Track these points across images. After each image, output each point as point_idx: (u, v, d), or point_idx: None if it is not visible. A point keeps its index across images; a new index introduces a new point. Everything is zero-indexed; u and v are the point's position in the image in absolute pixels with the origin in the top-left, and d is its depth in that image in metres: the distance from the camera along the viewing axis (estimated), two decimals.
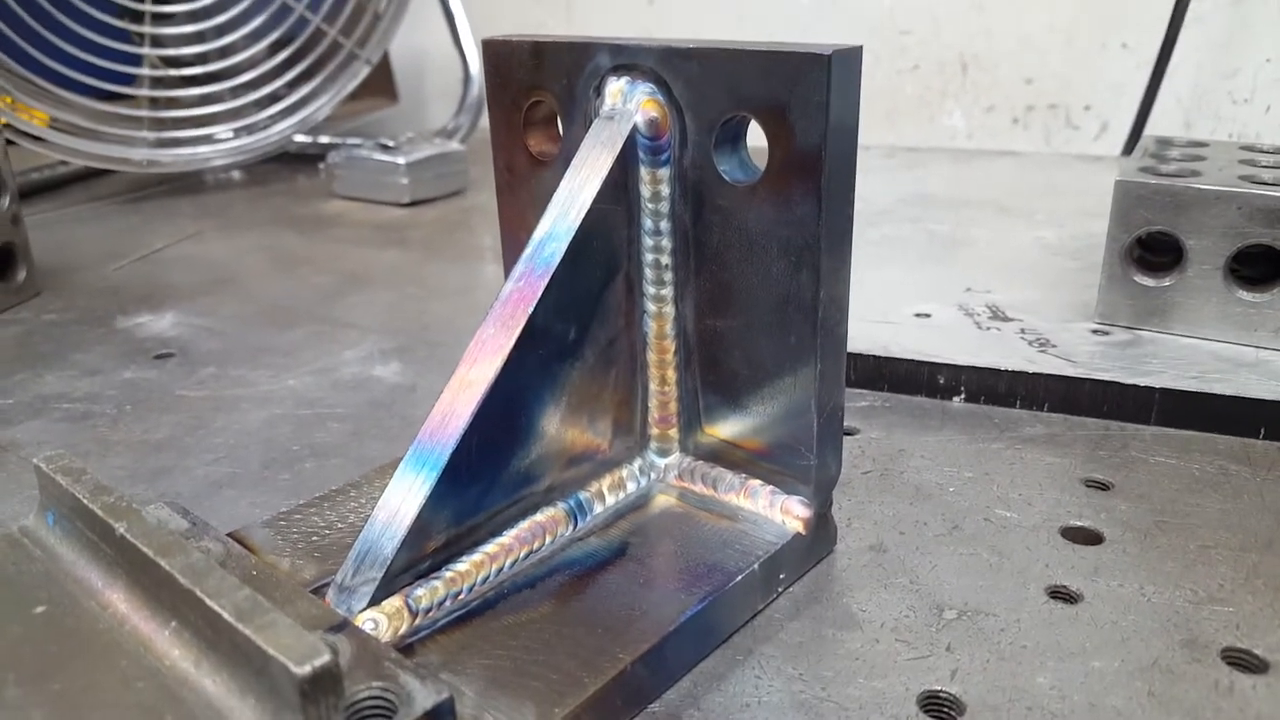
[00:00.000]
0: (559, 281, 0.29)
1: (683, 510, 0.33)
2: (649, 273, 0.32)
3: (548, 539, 0.31)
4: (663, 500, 0.33)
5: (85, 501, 0.22)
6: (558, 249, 0.29)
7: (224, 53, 0.80)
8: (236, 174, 0.89)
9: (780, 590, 0.31)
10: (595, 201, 0.30)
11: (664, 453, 0.34)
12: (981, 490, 0.36)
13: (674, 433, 0.34)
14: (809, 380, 0.30)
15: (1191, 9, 0.83)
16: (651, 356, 0.33)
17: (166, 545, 0.20)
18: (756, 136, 0.29)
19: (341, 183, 0.79)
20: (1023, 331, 0.45)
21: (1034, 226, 0.61)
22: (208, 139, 0.81)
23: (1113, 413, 0.40)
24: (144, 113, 0.78)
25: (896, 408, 0.42)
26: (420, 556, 0.28)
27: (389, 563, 0.27)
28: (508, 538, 0.30)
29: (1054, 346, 0.43)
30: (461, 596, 0.29)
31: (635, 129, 0.30)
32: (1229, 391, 0.39)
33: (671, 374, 0.33)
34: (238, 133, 0.81)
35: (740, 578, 0.29)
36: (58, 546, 0.24)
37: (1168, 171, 0.45)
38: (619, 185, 0.30)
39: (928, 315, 0.46)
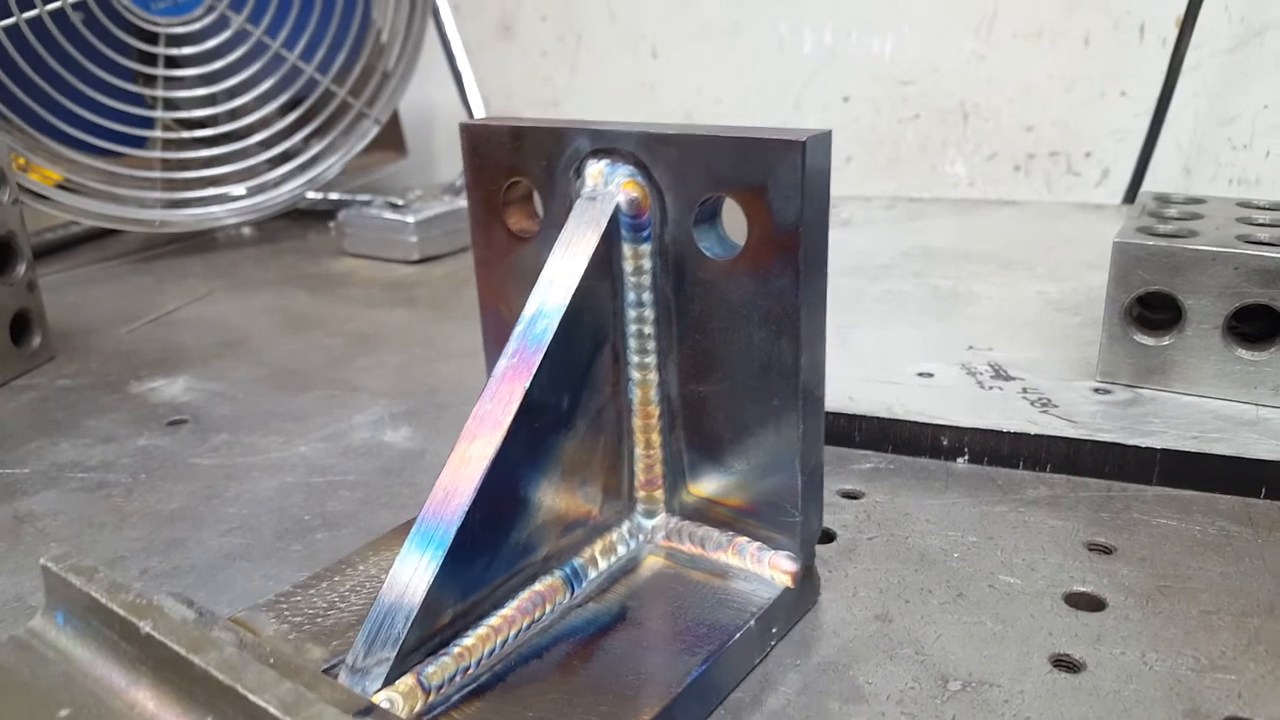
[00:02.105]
0: (552, 356, 0.30)
1: (674, 570, 0.34)
2: (633, 342, 0.33)
3: (548, 608, 0.31)
4: (653, 561, 0.34)
5: (103, 601, 0.22)
6: (550, 325, 0.30)
7: (235, 114, 0.81)
8: (247, 230, 0.90)
9: (773, 645, 0.32)
10: (583, 278, 0.31)
11: (650, 514, 0.35)
12: (986, 555, 0.36)
13: (659, 494, 0.35)
14: (792, 440, 0.31)
15: (1189, 58, 0.84)
16: (637, 422, 0.34)
17: (197, 641, 0.21)
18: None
19: (351, 240, 0.80)
20: (1025, 391, 0.45)
21: (1035, 280, 0.61)
22: (219, 198, 0.82)
23: (1115, 473, 0.41)
24: (156, 174, 0.79)
25: (901, 470, 0.42)
26: (430, 634, 0.29)
27: (401, 642, 0.28)
28: (510, 609, 0.31)
29: (1056, 406, 0.44)
30: (471, 671, 0.29)
31: (618, 208, 0.32)
32: (1229, 452, 0.39)
33: (656, 437, 0.34)
34: (250, 191, 0.82)
35: (739, 635, 0.30)
36: (72, 647, 0.24)
37: (1165, 231, 0.45)
38: (604, 261, 0.32)
39: (930, 375, 0.47)
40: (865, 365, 0.48)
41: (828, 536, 0.37)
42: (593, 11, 1.13)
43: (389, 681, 0.27)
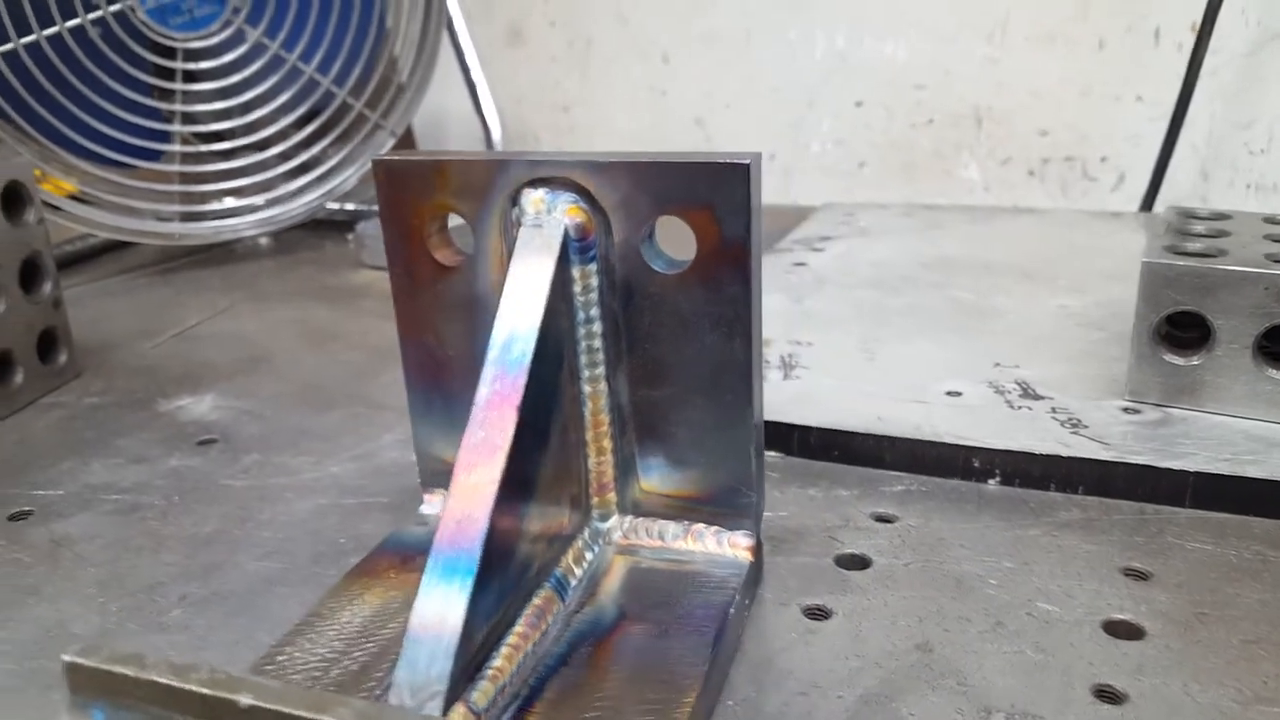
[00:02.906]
0: (532, 377, 0.31)
1: (645, 564, 0.36)
2: (583, 357, 0.35)
3: (549, 619, 0.32)
4: (621, 561, 0.36)
5: (176, 684, 0.21)
6: (526, 348, 0.31)
7: (252, 126, 0.81)
8: (264, 241, 0.91)
9: (747, 612, 0.35)
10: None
11: (604, 517, 0.37)
12: (1022, 582, 0.36)
13: (611, 496, 0.37)
14: (745, 429, 0.34)
15: (1206, 62, 0.84)
16: (589, 433, 0.36)
17: (320, 701, 0.20)
18: None
19: (369, 252, 0.80)
20: (1054, 410, 0.45)
21: (1057, 293, 0.61)
22: (237, 210, 0.82)
23: (1147, 496, 0.41)
24: (175, 187, 0.80)
25: (933, 492, 0.42)
26: (469, 663, 0.29)
27: (449, 673, 0.28)
28: (521, 626, 0.31)
29: (1086, 427, 0.44)
30: (508, 690, 0.30)
31: (566, 232, 0.33)
32: (1263, 474, 0.39)
33: (607, 444, 0.36)
34: (268, 203, 0.82)
35: (732, 609, 0.33)
36: None
37: (1194, 250, 0.45)
38: (558, 283, 0.33)
39: (959, 394, 0.47)
40: (892, 383, 0.48)
41: (863, 563, 0.37)
42: (603, 16, 1.14)
43: (445, 714, 0.28)
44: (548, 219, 0.33)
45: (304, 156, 0.82)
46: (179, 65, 0.77)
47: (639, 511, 0.37)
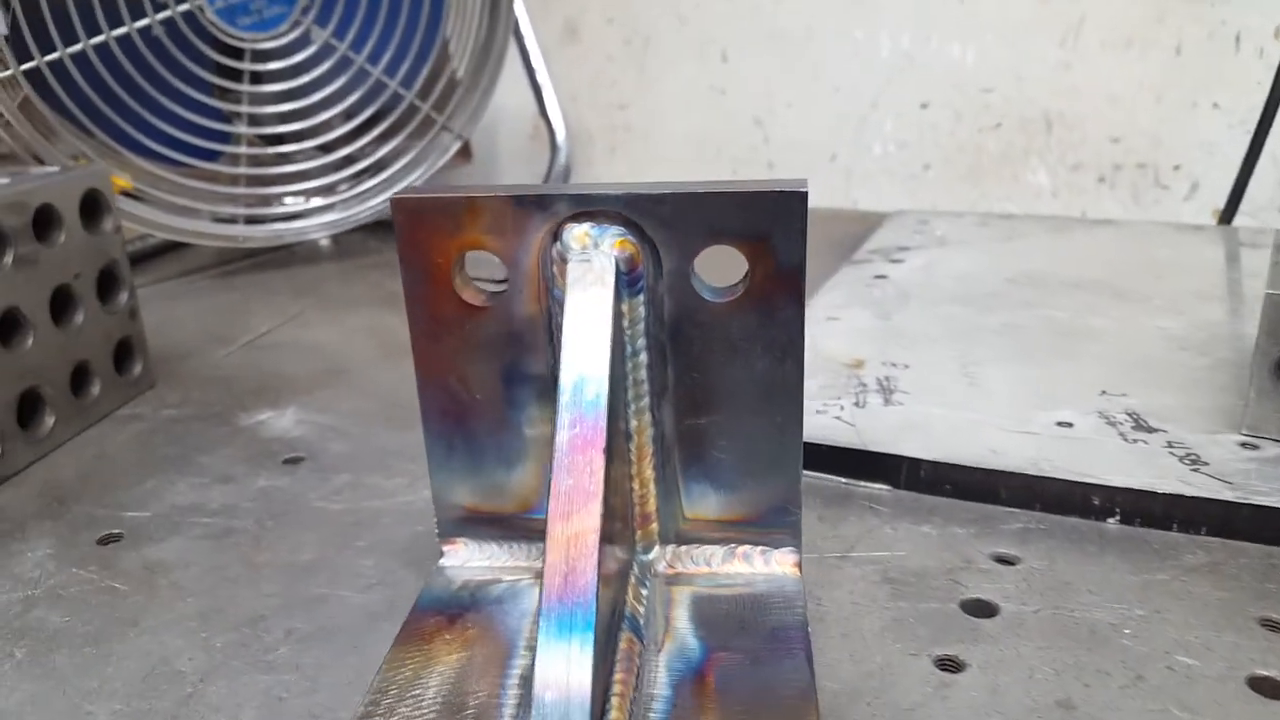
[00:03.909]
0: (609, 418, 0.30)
1: (704, 593, 0.35)
2: (629, 391, 0.34)
3: (638, 663, 0.32)
4: (678, 592, 0.36)
5: None
6: (600, 389, 0.30)
7: (319, 129, 0.80)
8: (324, 243, 0.90)
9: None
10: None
11: (647, 549, 0.37)
12: (1157, 632, 0.35)
13: (654, 527, 0.37)
14: (794, 449, 0.35)
15: None
16: (633, 466, 0.36)
17: None
18: None
19: None
20: (1170, 445, 0.44)
21: (1152, 314, 0.60)
22: (303, 213, 0.81)
23: (1274, 539, 0.39)
24: (241, 190, 0.79)
25: (1052, 531, 0.41)
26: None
27: None
28: (620, 673, 0.31)
29: (1206, 464, 0.42)
30: None
31: (616, 265, 0.32)
32: None
33: (650, 474, 0.36)
34: (334, 206, 0.82)
35: (808, 626, 0.33)
36: None
37: None
38: (616, 318, 0.33)
39: (1069, 425, 0.46)
40: (998, 411, 0.47)
41: (990, 609, 0.36)
42: (661, 14, 1.12)
43: None
44: (595, 253, 0.32)
45: (370, 159, 0.81)
46: (246, 66, 0.76)
47: (681, 540, 0.37)
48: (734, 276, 0.34)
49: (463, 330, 0.34)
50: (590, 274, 0.32)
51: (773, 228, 0.31)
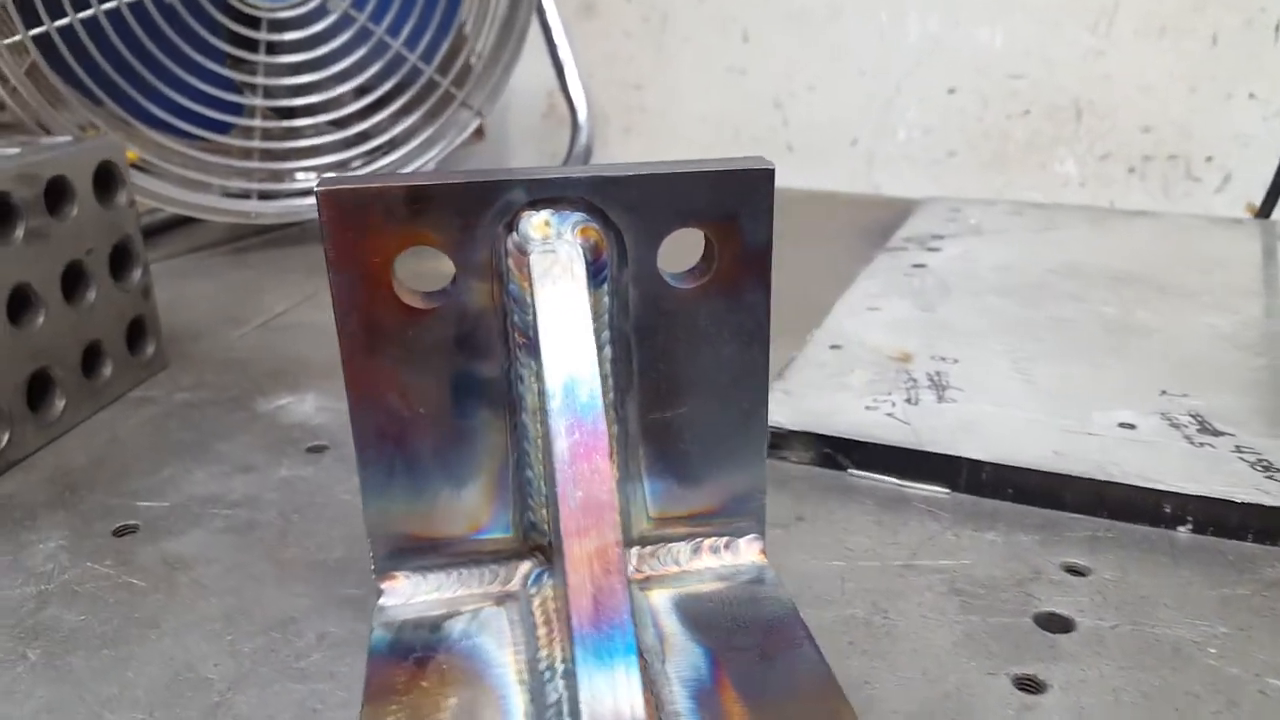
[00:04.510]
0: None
1: (681, 594, 0.34)
2: None
3: (650, 677, 0.30)
4: (656, 597, 0.34)
5: None
6: (592, 389, 0.28)
7: (335, 103, 0.78)
8: None
9: None
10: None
11: None
12: (1243, 652, 0.33)
13: None
14: (760, 433, 0.34)
15: None
16: None
17: None
18: None
19: None
20: (1239, 450, 0.42)
21: (1200, 310, 0.57)
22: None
23: None
24: (254, 164, 0.76)
25: (1121, 539, 0.39)
26: None
27: None
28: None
29: (1279, 471, 0.40)
30: None
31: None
32: None
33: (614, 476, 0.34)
34: None
35: (799, 612, 0.33)
36: None
37: None
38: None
39: (1132, 426, 0.44)
40: (1057, 411, 0.45)
41: (1066, 624, 0.34)
42: None
43: None
44: (559, 242, 0.30)
45: (387, 135, 0.79)
46: (262, 36, 0.73)
47: (644, 541, 0.35)
48: (688, 262, 0.32)
49: (404, 338, 0.31)
50: (557, 265, 0.29)
51: (740, 207, 0.30)
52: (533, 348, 0.31)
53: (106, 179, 0.53)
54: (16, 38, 0.67)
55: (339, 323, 0.30)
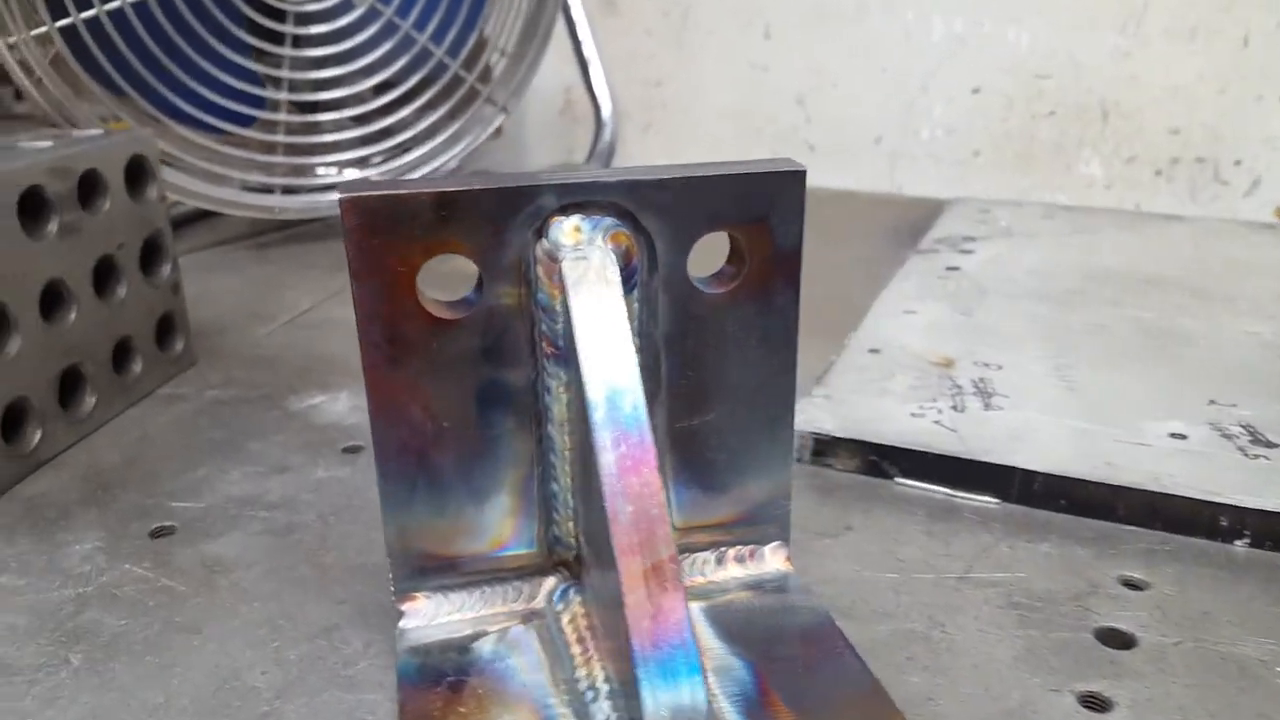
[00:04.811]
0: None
1: (712, 606, 0.33)
2: None
3: None
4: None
5: None
6: (637, 399, 0.27)
7: (360, 97, 0.77)
8: None
9: None
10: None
11: None
12: None
13: None
14: (787, 441, 0.33)
15: None
16: None
17: None
18: None
19: None
20: None
21: (1239, 316, 0.57)
22: (337, 186, 0.78)
23: None
24: (278, 159, 0.76)
25: (1179, 553, 0.38)
26: None
27: None
28: None
29: None
30: None
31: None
32: None
33: None
34: (381, 177, 0.79)
35: (834, 619, 0.32)
36: None
37: None
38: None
39: (1183, 437, 0.43)
40: (1105, 420, 0.44)
41: (1127, 640, 0.33)
42: None
43: None
44: (590, 248, 0.29)
45: (411, 132, 0.78)
46: (289, 29, 0.73)
47: None
48: (715, 267, 0.32)
49: (429, 350, 0.30)
50: (591, 272, 0.28)
51: (770, 210, 0.30)
52: (562, 358, 0.30)
53: (138, 173, 0.52)
54: (43, 29, 0.66)
55: (361, 333, 0.29)
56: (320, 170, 0.81)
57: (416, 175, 0.79)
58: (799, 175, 0.30)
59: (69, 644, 0.34)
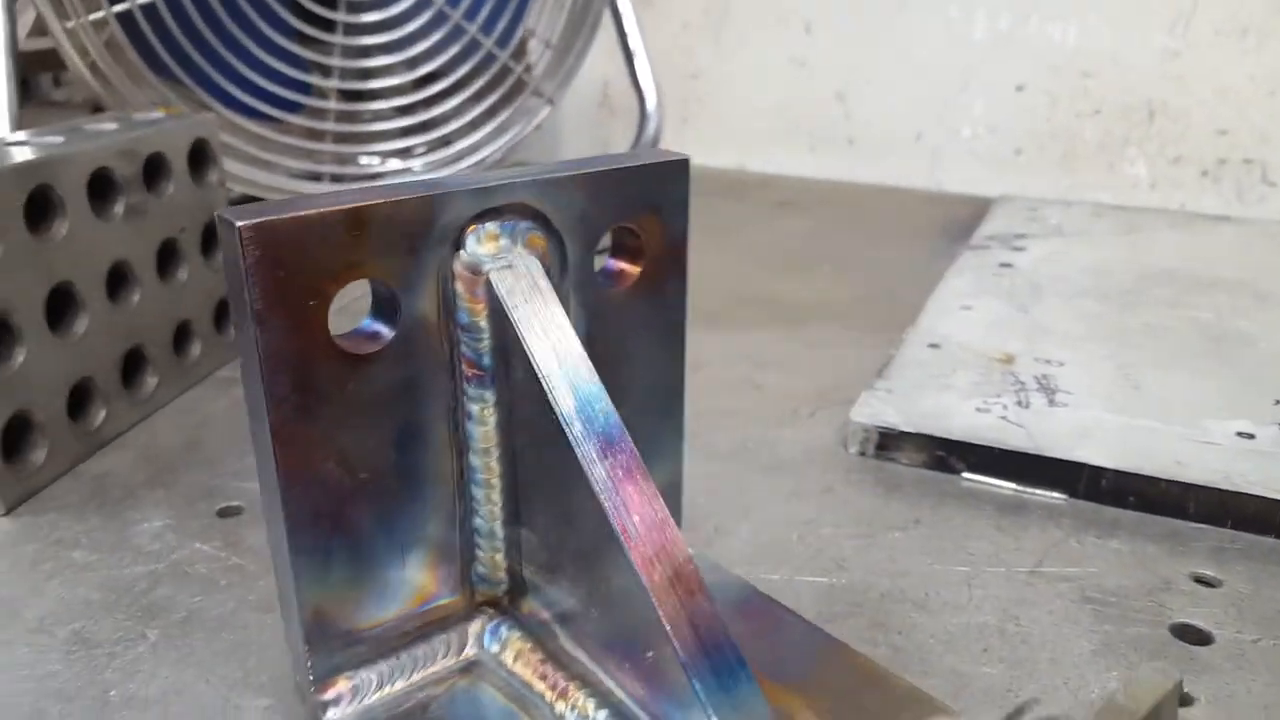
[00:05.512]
0: None
1: None
2: None
3: None
4: None
5: None
6: (605, 406, 0.26)
7: (406, 87, 0.77)
8: None
9: None
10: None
11: None
12: None
13: None
14: (678, 428, 0.34)
15: None
16: None
17: None
18: None
19: None
20: None
21: None
22: (380, 175, 0.78)
23: None
24: (328, 146, 0.76)
25: (1249, 551, 0.38)
26: None
27: None
28: None
29: None
30: None
31: None
32: None
33: None
34: (411, 170, 0.79)
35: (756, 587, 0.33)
36: None
37: None
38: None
39: (1251, 436, 0.43)
40: (1170, 418, 0.44)
41: (1203, 636, 0.33)
42: None
43: None
44: (514, 255, 0.27)
45: (457, 123, 0.78)
46: (341, 17, 0.73)
47: None
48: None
49: (345, 393, 0.26)
50: (523, 280, 0.27)
51: (661, 200, 0.30)
52: (486, 378, 0.28)
53: (200, 157, 0.52)
54: (100, 14, 0.66)
55: (267, 386, 0.25)
56: (363, 160, 0.81)
57: (462, 166, 0.80)
58: (682, 164, 0.31)
59: (145, 619, 0.34)
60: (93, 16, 0.65)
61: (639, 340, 0.32)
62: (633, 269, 0.31)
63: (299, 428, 0.26)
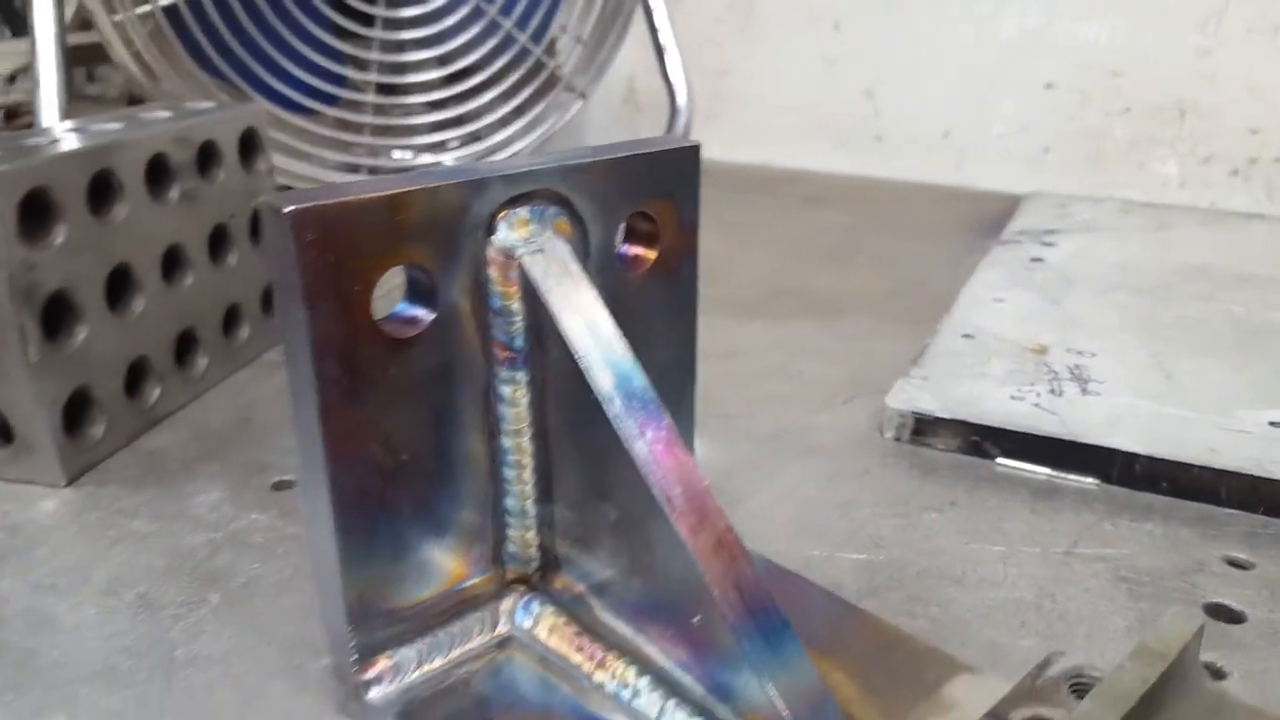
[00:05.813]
0: None
1: None
2: None
3: None
4: None
5: None
6: (642, 381, 0.27)
7: (440, 82, 0.78)
8: None
9: None
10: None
11: None
12: None
13: None
14: (689, 406, 0.35)
15: None
16: None
17: None
18: None
19: None
20: None
21: None
22: (416, 168, 0.80)
23: None
24: (363, 139, 0.77)
25: None
26: None
27: None
28: None
29: None
30: None
31: None
32: None
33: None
34: (458, 163, 0.80)
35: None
36: None
37: None
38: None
39: None
40: (1203, 407, 0.45)
41: (1235, 615, 0.34)
42: None
43: None
44: (544, 239, 0.28)
45: (491, 117, 0.79)
46: (381, 12, 0.74)
47: None
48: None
49: (387, 376, 0.27)
50: (555, 264, 0.28)
51: (675, 187, 0.31)
52: (519, 361, 0.29)
53: (250, 145, 0.54)
54: (146, 8, 0.68)
55: (316, 369, 0.26)
56: (396, 154, 0.83)
57: (498, 158, 0.81)
58: (694, 151, 0.32)
59: (207, 584, 0.36)
60: (140, 10, 0.67)
61: (654, 323, 0.33)
62: (648, 254, 0.32)
63: (346, 410, 0.26)
